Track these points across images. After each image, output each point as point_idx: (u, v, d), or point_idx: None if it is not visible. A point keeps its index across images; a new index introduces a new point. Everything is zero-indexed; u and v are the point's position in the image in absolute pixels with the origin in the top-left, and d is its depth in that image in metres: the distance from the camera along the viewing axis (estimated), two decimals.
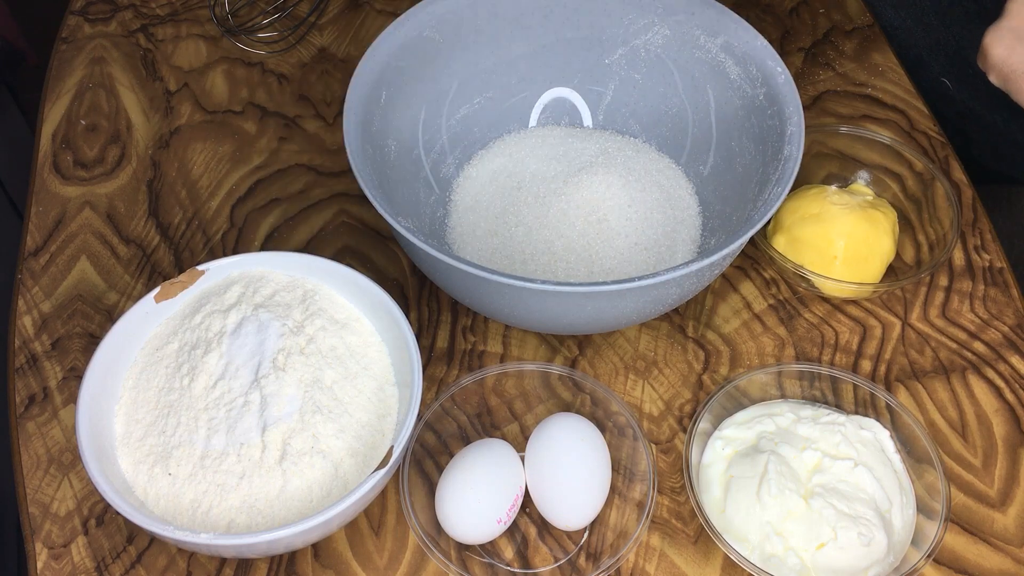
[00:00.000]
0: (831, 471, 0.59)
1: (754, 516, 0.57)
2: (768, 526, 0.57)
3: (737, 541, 0.57)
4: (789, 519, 0.57)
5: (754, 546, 0.57)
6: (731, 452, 0.61)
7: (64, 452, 0.64)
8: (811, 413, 0.62)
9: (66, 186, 0.78)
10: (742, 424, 0.62)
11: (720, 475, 0.60)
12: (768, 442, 0.60)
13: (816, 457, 0.59)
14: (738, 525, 0.58)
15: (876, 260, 0.69)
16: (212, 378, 0.58)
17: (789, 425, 0.61)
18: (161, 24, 0.89)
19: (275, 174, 0.79)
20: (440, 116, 0.74)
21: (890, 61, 0.86)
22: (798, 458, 0.59)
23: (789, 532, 0.57)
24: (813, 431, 0.61)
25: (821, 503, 0.57)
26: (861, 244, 0.68)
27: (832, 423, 0.61)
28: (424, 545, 0.57)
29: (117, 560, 0.59)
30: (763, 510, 0.57)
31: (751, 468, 0.59)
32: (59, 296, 0.71)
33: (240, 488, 0.55)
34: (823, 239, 0.68)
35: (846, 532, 0.56)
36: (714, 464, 0.61)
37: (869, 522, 0.57)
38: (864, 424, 0.62)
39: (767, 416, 0.62)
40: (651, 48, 0.73)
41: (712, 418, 0.62)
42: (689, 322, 0.70)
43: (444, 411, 0.63)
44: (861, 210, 0.69)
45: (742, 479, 0.59)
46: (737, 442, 0.61)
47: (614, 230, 0.69)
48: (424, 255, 0.59)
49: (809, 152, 0.74)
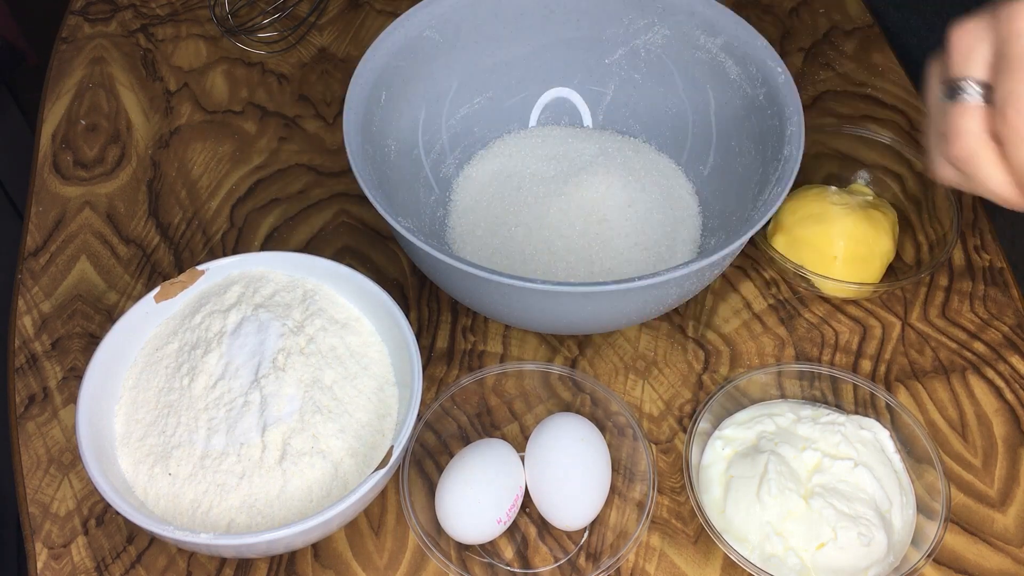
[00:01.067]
0: (831, 471, 0.59)
1: (754, 516, 0.57)
2: (768, 526, 0.57)
3: (737, 541, 0.57)
4: (789, 519, 0.57)
5: (754, 546, 0.57)
6: (731, 452, 0.61)
7: (64, 452, 0.64)
8: (811, 413, 0.62)
9: (66, 186, 0.78)
10: (742, 424, 0.62)
11: (720, 475, 0.60)
12: (768, 442, 0.60)
13: (816, 457, 0.59)
14: (738, 525, 0.58)
15: (876, 260, 0.69)
16: (212, 378, 0.58)
17: (789, 425, 0.62)
18: (161, 24, 0.89)
19: (275, 174, 0.79)
20: (440, 116, 0.74)
21: (890, 61, 0.86)
22: (798, 458, 0.59)
23: (789, 532, 0.57)
24: (813, 431, 0.61)
25: (821, 503, 0.57)
26: (861, 244, 0.68)
27: (832, 423, 0.61)
28: (424, 545, 0.57)
29: (117, 560, 0.59)
30: (763, 510, 0.57)
31: (751, 468, 0.59)
32: (59, 296, 0.71)
33: (240, 488, 0.55)
34: (823, 239, 0.68)
35: (846, 532, 0.56)
36: (714, 464, 0.61)
37: (869, 522, 0.57)
38: (864, 424, 0.62)
39: (767, 416, 0.62)
40: (651, 48, 0.73)
41: (712, 418, 0.62)
42: (689, 322, 0.70)
43: (444, 411, 0.63)
44: (861, 210, 0.69)
45: (742, 479, 0.59)
46: (737, 442, 0.61)
47: (614, 230, 0.69)
48: (424, 255, 0.59)
49: (809, 152, 0.74)
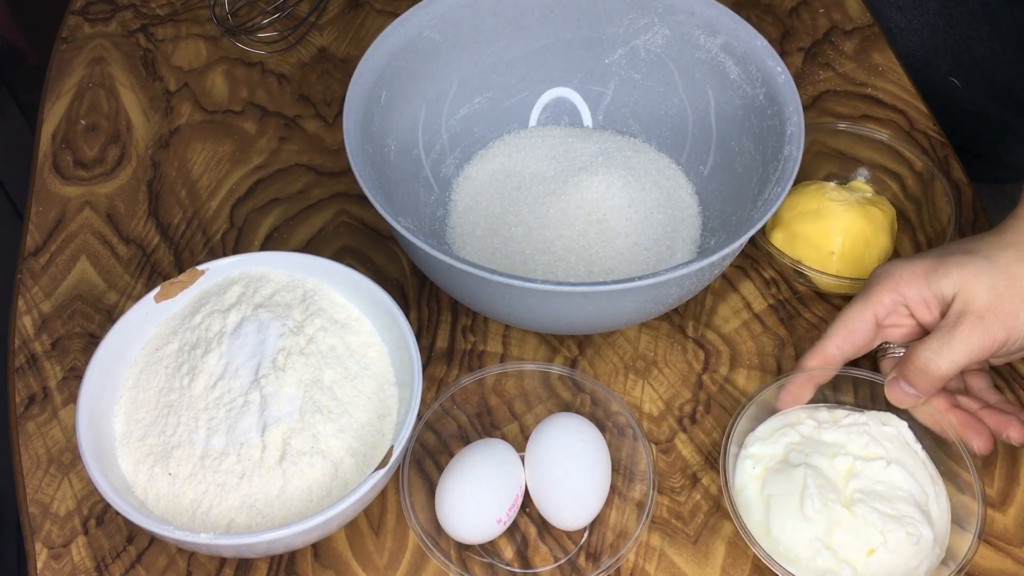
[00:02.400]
0: (865, 474, 0.58)
1: (801, 533, 0.56)
2: (817, 542, 0.55)
3: (788, 562, 0.56)
4: (836, 530, 0.56)
5: (806, 564, 0.56)
6: (762, 470, 0.59)
7: (64, 452, 0.64)
8: (829, 416, 0.61)
9: (66, 186, 0.78)
10: (766, 440, 0.61)
11: (757, 496, 0.59)
12: (798, 455, 0.59)
13: (848, 462, 0.58)
14: (786, 544, 0.56)
15: (874, 257, 0.69)
16: (212, 378, 0.58)
17: (812, 432, 0.60)
18: (161, 24, 0.89)
19: (275, 174, 0.79)
20: (440, 116, 0.74)
21: (890, 61, 0.86)
22: (831, 466, 0.58)
23: (838, 544, 0.55)
24: (838, 435, 0.59)
25: (864, 509, 0.56)
26: (859, 240, 0.68)
27: (854, 423, 0.60)
28: (424, 545, 0.57)
29: (117, 560, 0.59)
30: (809, 526, 0.56)
31: (787, 484, 0.57)
32: (59, 296, 0.71)
33: (240, 488, 0.55)
34: (820, 235, 0.68)
35: (894, 534, 0.55)
36: (748, 485, 0.59)
37: (914, 519, 0.56)
38: (884, 419, 0.60)
39: (788, 427, 0.61)
40: (651, 48, 0.73)
41: (736, 436, 0.61)
42: (689, 322, 0.70)
43: (444, 411, 0.63)
44: (859, 207, 0.69)
45: (781, 497, 0.57)
46: (766, 459, 0.60)
47: (614, 230, 0.69)
48: (424, 255, 0.59)
49: (809, 151, 0.74)
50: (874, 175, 0.75)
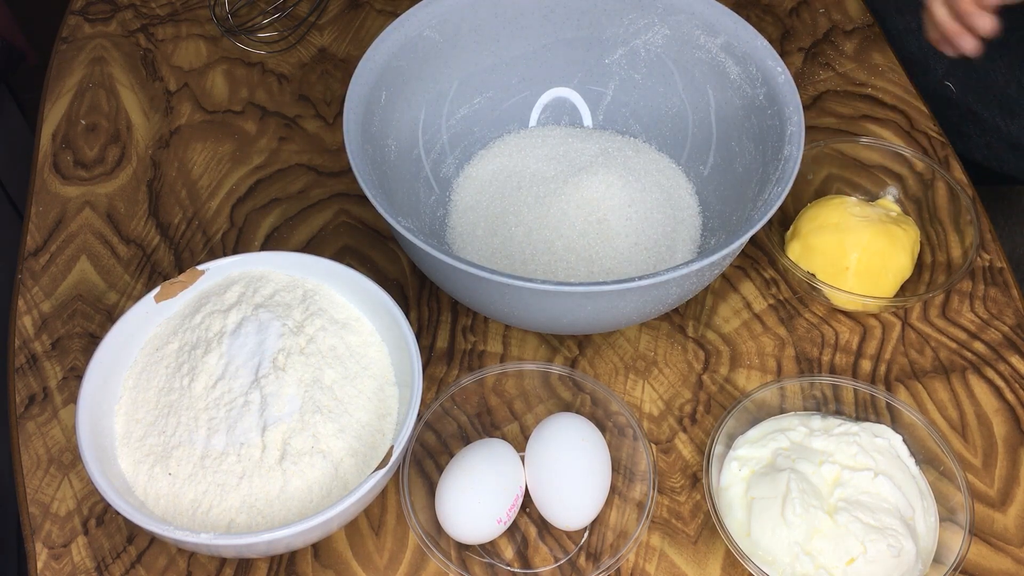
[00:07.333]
0: (852, 483, 0.58)
1: (781, 537, 0.56)
2: (796, 546, 0.56)
3: (766, 564, 0.56)
4: (816, 537, 0.56)
5: (784, 568, 0.56)
6: (748, 472, 0.60)
7: (64, 452, 0.64)
8: (822, 424, 0.61)
9: (66, 186, 0.78)
10: (755, 442, 0.61)
11: (740, 497, 0.59)
12: (785, 459, 0.59)
13: (835, 471, 0.58)
14: (765, 547, 0.57)
15: (890, 275, 0.68)
16: (212, 378, 0.58)
17: (803, 439, 0.60)
18: (161, 24, 0.89)
19: (275, 174, 0.79)
20: (440, 116, 0.74)
21: (890, 61, 0.86)
22: (817, 473, 0.58)
23: (818, 550, 0.56)
24: (828, 444, 0.60)
25: (847, 517, 0.56)
26: (875, 258, 0.67)
27: (846, 433, 0.60)
28: (424, 545, 0.57)
29: (117, 560, 0.59)
30: (789, 530, 0.56)
31: (772, 488, 0.58)
32: (59, 296, 0.71)
33: (240, 488, 0.55)
34: (836, 248, 0.68)
35: (875, 545, 0.55)
36: (733, 486, 0.60)
37: (896, 532, 0.56)
38: (877, 431, 0.61)
39: (779, 432, 0.61)
40: (651, 48, 0.73)
41: (724, 437, 0.61)
42: (689, 322, 0.70)
43: (444, 411, 0.63)
44: (881, 224, 0.68)
45: (764, 500, 0.58)
46: (753, 461, 0.60)
47: (614, 230, 0.69)
48: (424, 255, 0.59)
49: (807, 156, 0.74)
50: (905, 197, 0.74)
